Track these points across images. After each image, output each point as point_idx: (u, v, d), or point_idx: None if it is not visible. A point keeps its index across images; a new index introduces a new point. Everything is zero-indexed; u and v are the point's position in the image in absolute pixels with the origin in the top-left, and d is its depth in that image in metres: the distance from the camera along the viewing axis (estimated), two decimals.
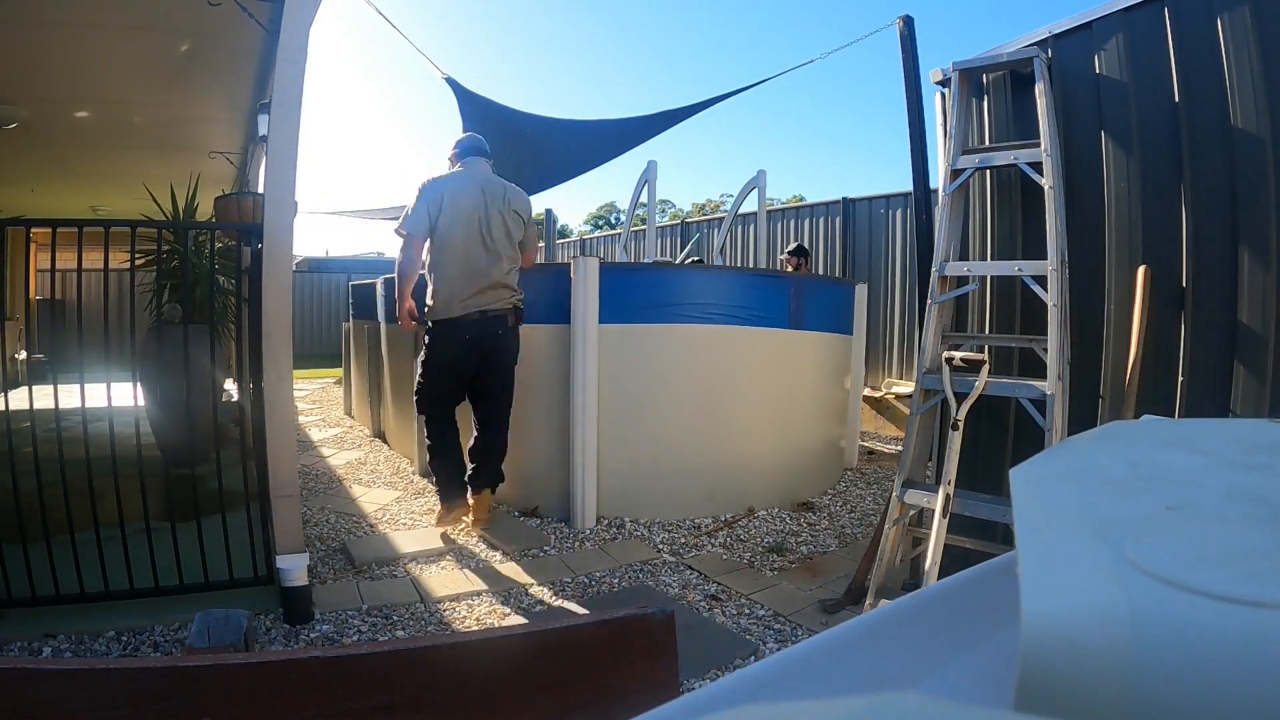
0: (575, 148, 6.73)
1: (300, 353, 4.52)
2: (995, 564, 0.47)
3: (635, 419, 4.10)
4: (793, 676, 0.41)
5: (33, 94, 4.53)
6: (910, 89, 3.62)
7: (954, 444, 2.63)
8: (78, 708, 0.64)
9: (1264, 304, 2.23)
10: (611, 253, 13.01)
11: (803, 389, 4.66)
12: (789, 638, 2.76)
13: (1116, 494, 0.39)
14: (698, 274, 4.74)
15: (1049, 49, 2.77)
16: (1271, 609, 0.24)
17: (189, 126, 5.40)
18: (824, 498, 4.61)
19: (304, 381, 10.38)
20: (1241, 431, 0.50)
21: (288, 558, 2.73)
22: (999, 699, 0.34)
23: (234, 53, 4.00)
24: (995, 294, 2.99)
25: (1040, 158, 2.63)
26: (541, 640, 0.78)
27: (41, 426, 2.89)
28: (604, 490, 4.01)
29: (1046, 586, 0.29)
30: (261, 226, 2.81)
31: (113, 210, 7.76)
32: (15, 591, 2.54)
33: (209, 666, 0.70)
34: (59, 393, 2.69)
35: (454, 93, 5.79)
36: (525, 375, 4.27)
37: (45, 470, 2.55)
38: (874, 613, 0.47)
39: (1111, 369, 2.62)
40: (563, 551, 3.58)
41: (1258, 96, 2.22)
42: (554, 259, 11.13)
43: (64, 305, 7.26)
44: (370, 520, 4.03)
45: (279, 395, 2.83)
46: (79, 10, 3.53)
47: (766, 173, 6.23)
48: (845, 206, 8.65)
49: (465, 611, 2.94)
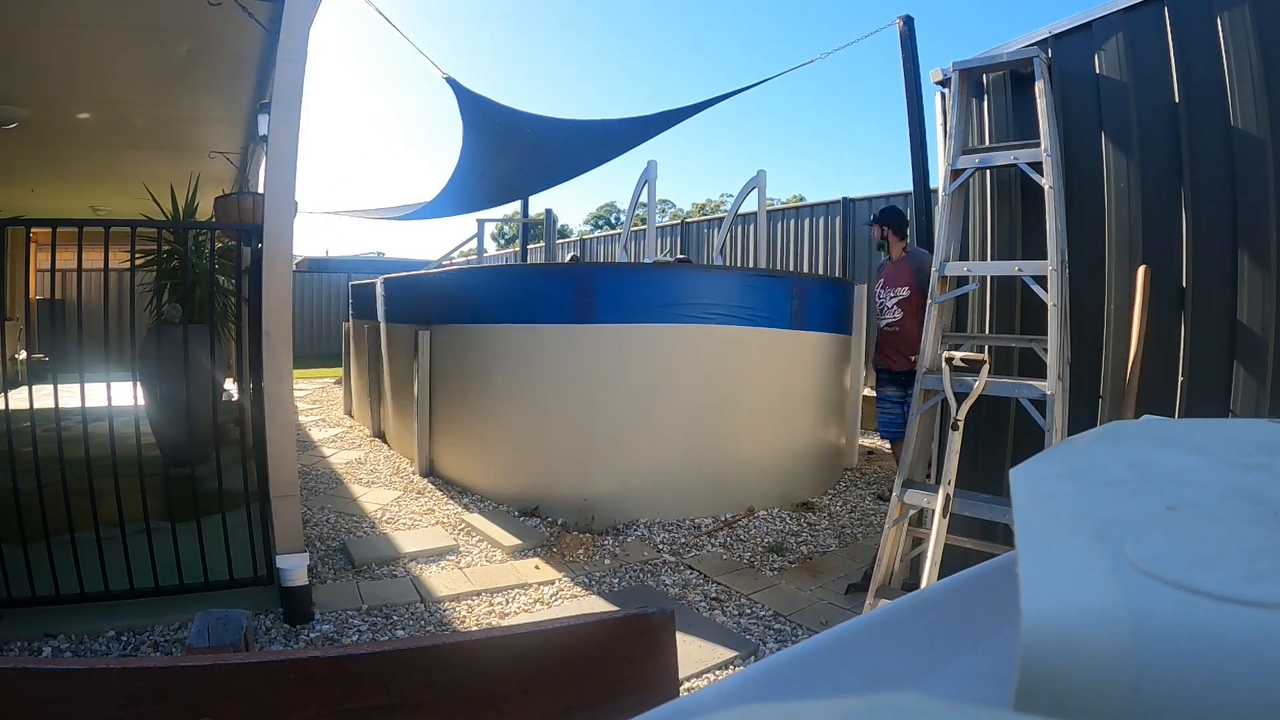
0: (575, 148, 6.73)
1: (300, 353, 4.52)
2: (995, 564, 0.47)
3: (635, 419, 4.10)
4: (793, 676, 0.41)
5: (33, 94, 4.53)
6: (910, 89, 3.63)
7: (954, 444, 2.63)
8: (78, 707, 0.64)
9: (1264, 304, 2.23)
10: (611, 253, 13.02)
11: (803, 389, 4.66)
12: (789, 638, 2.76)
13: (1116, 494, 0.39)
14: (698, 274, 4.75)
15: (1049, 49, 2.77)
16: (1271, 609, 0.24)
17: (189, 126, 5.40)
18: (824, 498, 4.61)
19: (304, 381, 10.38)
20: (1241, 431, 0.50)
21: (288, 557, 2.73)
22: (999, 699, 0.34)
23: (234, 53, 4.00)
24: (995, 294, 2.99)
25: (1040, 158, 2.63)
26: (542, 640, 0.78)
27: (41, 426, 2.89)
28: (604, 490, 4.01)
29: (1046, 586, 0.29)
30: (261, 226, 2.81)
31: (113, 210, 7.76)
32: (15, 591, 2.54)
33: (209, 666, 0.70)
34: (59, 392, 2.69)
35: (454, 93, 5.80)
36: (525, 375, 4.28)
37: (45, 470, 2.55)
38: (874, 613, 0.47)
39: (1111, 369, 2.62)
40: (563, 551, 3.58)
41: (1258, 96, 2.22)
42: (554, 259, 11.14)
43: (64, 305, 7.27)
44: (370, 520, 4.04)
45: (279, 395, 2.83)
46: (79, 10, 3.53)
47: (766, 173, 6.24)
48: (845, 206, 8.65)
49: (465, 611, 2.94)
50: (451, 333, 4.75)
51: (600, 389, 4.10)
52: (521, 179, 7.96)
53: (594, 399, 4.10)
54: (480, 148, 6.61)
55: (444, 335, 4.82)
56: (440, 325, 4.87)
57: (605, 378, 4.09)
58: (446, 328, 4.81)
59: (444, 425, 4.86)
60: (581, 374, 4.14)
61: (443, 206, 8.31)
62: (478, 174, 7.28)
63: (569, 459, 4.12)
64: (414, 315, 5.24)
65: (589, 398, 4.11)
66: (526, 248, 10.93)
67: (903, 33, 3.81)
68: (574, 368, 4.15)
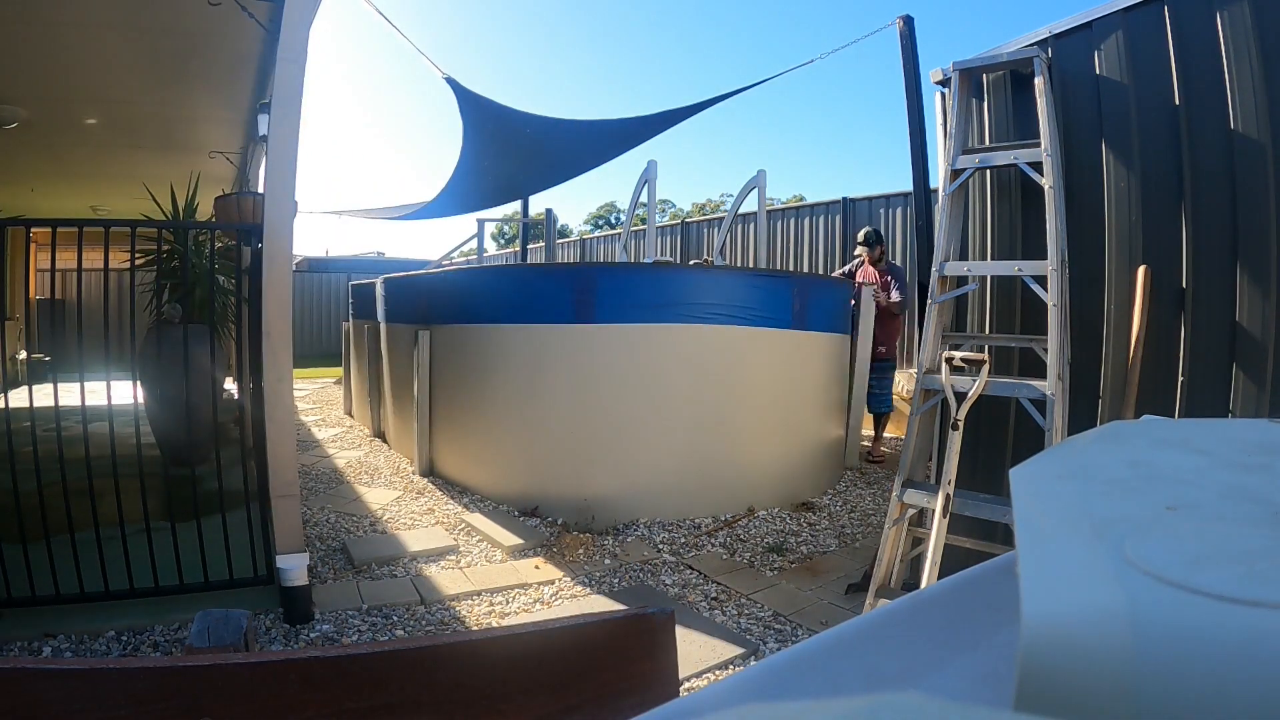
0: (575, 148, 6.73)
1: (300, 353, 4.52)
2: (995, 564, 0.47)
3: (635, 419, 4.10)
4: (793, 676, 0.41)
5: (33, 94, 4.53)
6: (910, 89, 3.63)
7: (954, 444, 2.63)
8: (78, 708, 0.64)
9: (1264, 304, 2.23)
10: (611, 253, 13.01)
11: (803, 389, 4.66)
12: (789, 638, 2.76)
13: (1116, 494, 0.39)
14: (699, 274, 4.74)
15: (1049, 49, 2.77)
16: (1271, 609, 0.24)
17: (189, 126, 5.40)
18: (824, 498, 4.61)
19: (304, 381, 10.38)
20: (1241, 431, 0.50)
21: (288, 557, 2.73)
22: (999, 699, 0.34)
23: (234, 52, 4.01)
24: (995, 294, 2.99)
25: (1040, 158, 2.63)
26: (542, 640, 0.78)
27: (41, 426, 2.89)
28: (604, 490, 4.01)
29: (1046, 586, 0.29)
30: (261, 226, 2.81)
31: (113, 210, 7.76)
32: (15, 591, 2.54)
33: (209, 666, 0.70)
34: (59, 392, 2.69)
35: (454, 93, 5.80)
36: (526, 375, 4.28)
37: (45, 470, 2.55)
38: (874, 613, 0.47)
39: (1111, 369, 2.62)
40: (563, 551, 3.58)
41: (1258, 96, 2.22)
42: (554, 259, 11.14)
43: (64, 305, 7.27)
44: (370, 520, 4.04)
45: (279, 395, 2.83)
46: (79, 10, 3.53)
47: (766, 172, 6.23)
48: (845, 206, 8.65)
49: (465, 611, 2.94)
50: (452, 333, 4.75)
51: (600, 389, 4.10)
52: (521, 179, 7.96)
53: (594, 399, 4.10)
54: (480, 148, 6.61)
55: (444, 335, 4.82)
56: (440, 325, 4.86)
57: (605, 378, 4.09)
58: (447, 328, 4.81)
59: (444, 425, 4.86)
60: (582, 374, 4.13)
61: (443, 206, 8.31)
62: (478, 174, 7.28)
63: (569, 459, 4.12)
64: (414, 315, 5.24)
65: (589, 398, 4.11)
66: (526, 248, 10.92)
67: (902, 33, 3.81)
68: (574, 368, 4.15)
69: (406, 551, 3.50)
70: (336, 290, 15.08)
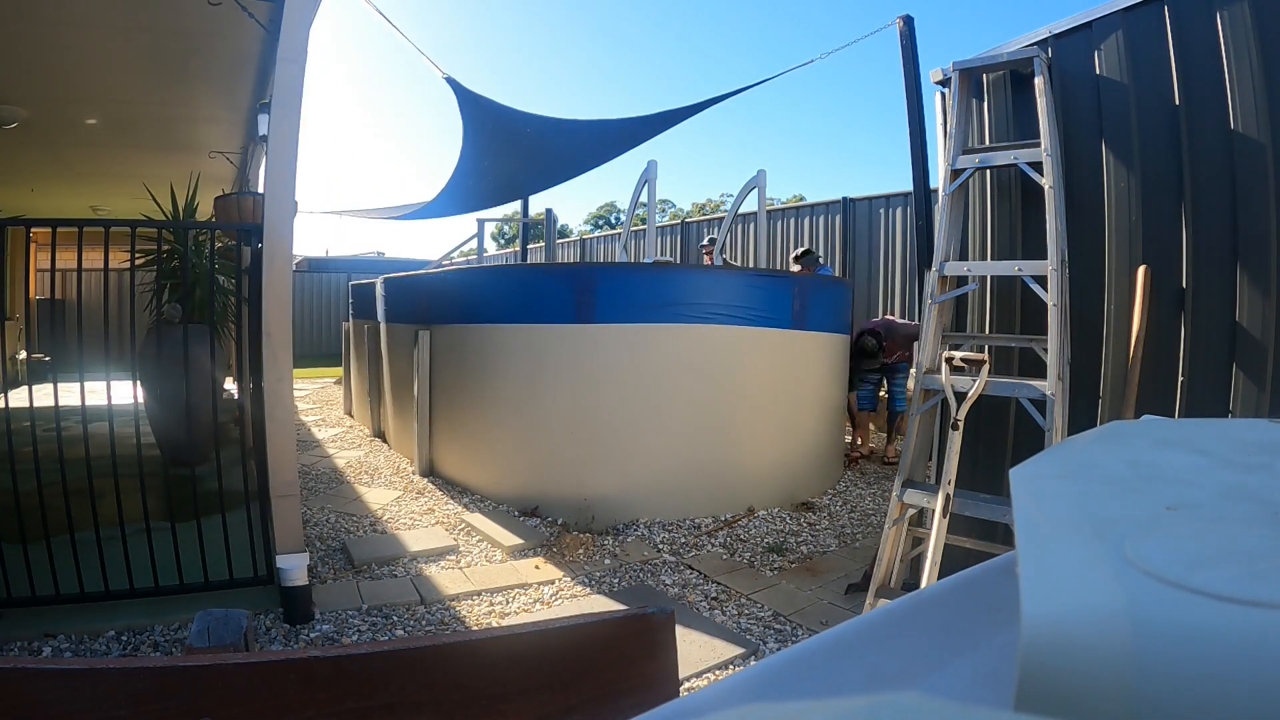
0: (575, 148, 6.72)
1: (300, 353, 4.52)
2: (995, 564, 0.47)
3: (635, 419, 4.10)
4: (793, 676, 0.41)
5: (33, 94, 4.53)
6: (910, 89, 3.62)
7: (954, 444, 2.63)
8: (78, 708, 0.64)
9: (1264, 305, 2.23)
10: (611, 253, 13.01)
11: (803, 389, 4.66)
12: (789, 638, 2.76)
13: (1116, 494, 0.39)
14: (699, 274, 4.75)
15: (1049, 49, 2.76)
16: (1271, 609, 0.24)
17: (189, 126, 5.39)
18: (824, 498, 4.61)
19: (304, 381, 10.38)
20: (1241, 431, 0.50)
21: (288, 557, 2.73)
22: (999, 699, 0.34)
23: (234, 52, 4.00)
24: (995, 294, 2.99)
25: (1040, 158, 2.63)
26: (541, 640, 0.78)
27: (41, 426, 2.89)
28: (604, 490, 4.01)
29: (1046, 586, 0.29)
30: (261, 226, 2.81)
31: (113, 210, 7.76)
32: (15, 591, 2.53)
33: (209, 666, 0.70)
34: (59, 392, 2.69)
35: (454, 93, 5.80)
36: (526, 375, 4.28)
37: (45, 470, 2.55)
38: (874, 613, 0.47)
39: (1111, 369, 2.62)
40: (563, 551, 3.58)
41: (1258, 96, 2.22)
42: (554, 259, 11.13)
43: (64, 305, 7.26)
44: (370, 520, 4.04)
45: (279, 395, 2.83)
46: (79, 10, 3.53)
47: (766, 172, 6.22)
48: (845, 206, 8.64)
49: (465, 611, 2.94)
50: (452, 333, 4.75)
51: (600, 389, 4.10)
52: (522, 179, 7.95)
53: (594, 399, 4.10)
54: (480, 148, 6.61)
55: (444, 335, 4.82)
56: (440, 325, 4.86)
57: (605, 377, 4.09)
58: (447, 328, 4.81)
59: (444, 425, 4.86)
60: (582, 374, 4.13)
61: (443, 206, 8.30)
62: (478, 174, 7.28)
63: (569, 459, 4.12)
64: (414, 315, 5.24)
65: (589, 398, 4.11)
66: (526, 248, 10.92)
67: (902, 33, 3.81)
68: (574, 367, 4.15)
69: (406, 551, 3.50)
70: (336, 290, 15.08)
